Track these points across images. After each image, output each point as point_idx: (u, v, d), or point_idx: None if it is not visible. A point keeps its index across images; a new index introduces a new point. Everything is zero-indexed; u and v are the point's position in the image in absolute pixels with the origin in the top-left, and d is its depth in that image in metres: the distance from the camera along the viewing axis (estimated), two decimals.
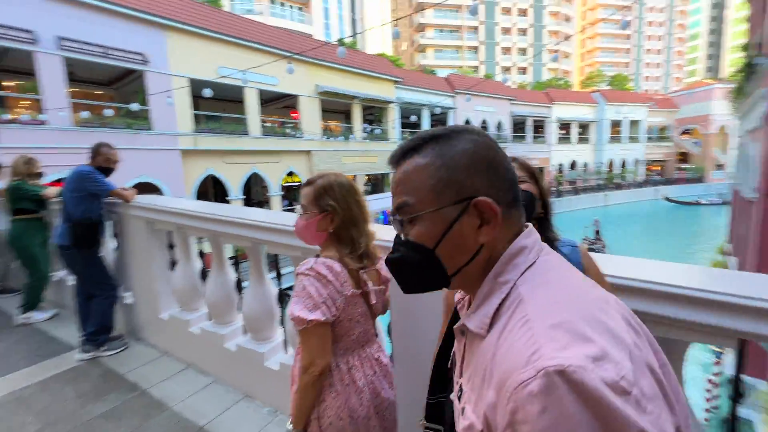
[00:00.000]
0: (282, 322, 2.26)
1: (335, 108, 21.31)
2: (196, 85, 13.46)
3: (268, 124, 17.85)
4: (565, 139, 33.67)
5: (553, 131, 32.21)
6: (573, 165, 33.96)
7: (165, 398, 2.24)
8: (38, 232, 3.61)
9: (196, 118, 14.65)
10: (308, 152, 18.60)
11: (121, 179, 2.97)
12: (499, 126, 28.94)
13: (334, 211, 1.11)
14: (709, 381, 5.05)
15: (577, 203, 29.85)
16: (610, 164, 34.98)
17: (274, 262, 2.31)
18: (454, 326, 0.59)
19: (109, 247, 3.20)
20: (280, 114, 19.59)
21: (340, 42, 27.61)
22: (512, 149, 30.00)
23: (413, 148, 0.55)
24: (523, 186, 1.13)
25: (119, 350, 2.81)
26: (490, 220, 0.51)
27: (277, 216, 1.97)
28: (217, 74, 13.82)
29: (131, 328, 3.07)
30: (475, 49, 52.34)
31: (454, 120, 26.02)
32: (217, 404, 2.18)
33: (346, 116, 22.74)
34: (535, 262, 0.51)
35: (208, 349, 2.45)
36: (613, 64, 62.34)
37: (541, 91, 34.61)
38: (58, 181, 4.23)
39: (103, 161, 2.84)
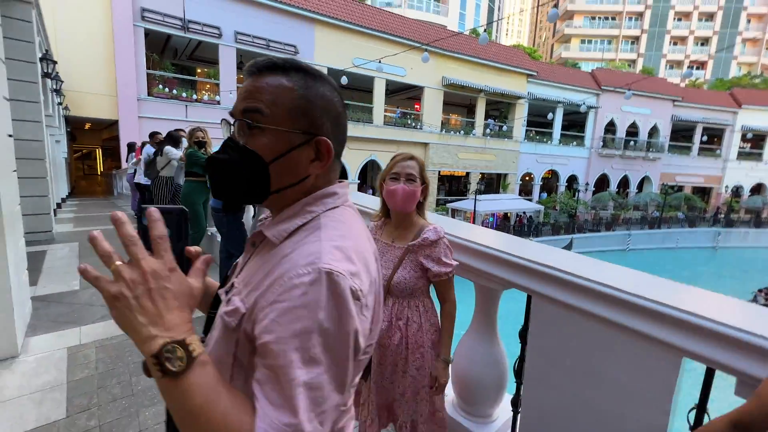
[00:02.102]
0: None
1: (458, 101, 20.74)
2: (333, 74, 14.64)
3: (390, 114, 18.42)
4: (750, 154, 26.15)
5: (733, 143, 25.31)
6: (758, 189, 26.20)
7: None
8: (202, 194, 4.30)
9: None
10: (425, 144, 18.61)
11: None
12: (652, 132, 24.05)
13: (427, 184, 1.39)
14: None
15: (755, 239, 22.93)
16: None
17: None
18: (249, 237, 0.66)
19: (249, 215, 3.60)
20: (403, 105, 20.02)
21: (473, 32, 26.60)
22: (667, 161, 24.71)
23: (282, 68, 0.59)
24: None
25: None
26: (323, 158, 0.60)
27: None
28: (351, 64, 14.78)
29: None
30: (635, 39, 44.33)
31: (595, 121, 22.61)
32: None
33: (469, 110, 21.93)
34: (338, 206, 0.62)
35: None
36: None
37: (723, 92, 27.33)
38: None
39: None
